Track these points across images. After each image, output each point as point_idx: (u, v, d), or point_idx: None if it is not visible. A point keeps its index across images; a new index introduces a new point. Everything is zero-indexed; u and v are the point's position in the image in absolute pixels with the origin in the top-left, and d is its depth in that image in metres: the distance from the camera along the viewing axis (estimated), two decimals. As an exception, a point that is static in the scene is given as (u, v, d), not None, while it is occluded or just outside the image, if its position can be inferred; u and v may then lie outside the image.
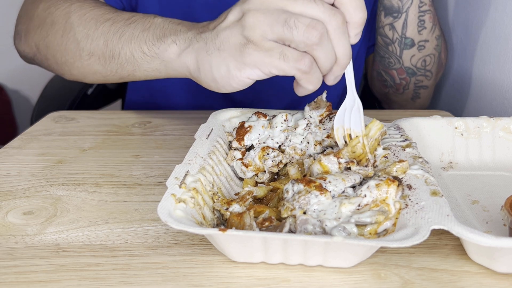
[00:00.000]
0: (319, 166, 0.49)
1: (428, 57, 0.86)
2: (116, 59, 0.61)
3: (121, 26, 0.61)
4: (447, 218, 0.40)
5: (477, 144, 0.61)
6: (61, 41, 0.66)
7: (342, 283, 0.40)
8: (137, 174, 0.60)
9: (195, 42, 0.52)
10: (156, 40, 0.56)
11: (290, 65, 0.46)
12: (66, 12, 0.66)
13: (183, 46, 0.53)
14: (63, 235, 0.47)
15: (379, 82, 0.94)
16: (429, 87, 0.91)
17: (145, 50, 0.57)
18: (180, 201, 0.43)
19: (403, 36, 0.83)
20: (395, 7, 0.82)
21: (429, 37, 0.84)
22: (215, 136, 0.57)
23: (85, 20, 0.64)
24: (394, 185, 0.44)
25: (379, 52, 0.89)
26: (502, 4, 0.83)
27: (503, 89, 0.83)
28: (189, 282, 0.40)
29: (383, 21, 0.84)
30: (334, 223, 0.42)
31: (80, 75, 0.68)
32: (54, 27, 0.67)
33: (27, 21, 0.72)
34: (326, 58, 0.45)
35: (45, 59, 0.71)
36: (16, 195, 0.55)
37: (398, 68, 0.87)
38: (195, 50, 0.51)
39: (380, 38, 0.87)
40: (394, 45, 0.85)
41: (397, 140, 0.54)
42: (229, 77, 0.49)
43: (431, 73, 0.88)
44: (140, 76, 0.61)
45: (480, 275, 0.41)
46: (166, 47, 0.55)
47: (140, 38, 0.58)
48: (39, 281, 0.41)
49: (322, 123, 0.56)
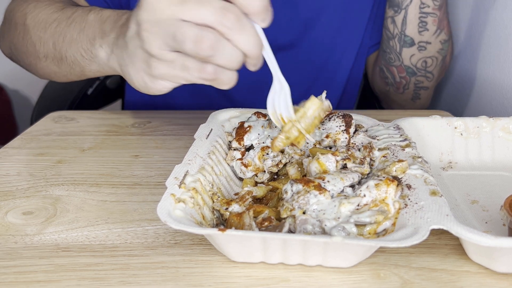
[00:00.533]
0: (317, 164, 0.50)
1: (430, 59, 0.86)
2: (65, 61, 0.63)
3: (64, 27, 0.62)
4: (447, 218, 0.40)
5: (477, 144, 0.61)
6: (23, 43, 0.68)
7: (342, 283, 0.40)
8: (137, 174, 0.60)
9: (116, 48, 0.52)
10: (89, 43, 0.57)
11: (194, 75, 0.44)
12: (23, 13, 0.68)
13: (108, 51, 0.54)
14: (63, 235, 0.47)
15: (381, 79, 0.94)
16: (430, 89, 0.91)
17: (83, 53, 0.58)
18: (180, 201, 0.43)
19: (403, 33, 0.84)
20: (395, 0, 0.83)
21: (431, 40, 0.84)
22: (214, 136, 0.57)
23: (38, 21, 0.65)
24: (393, 185, 0.44)
25: (382, 47, 0.90)
26: (502, 4, 0.83)
27: (503, 89, 0.83)
28: (188, 282, 0.41)
29: (387, 12, 0.86)
30: (333, 223, 0.42)
31: (45, 75, 0.70)
32: (16, 29, 0.69)
33: (3, 22, 0.74)
34: (229, 60, 0.43)
35: (18, 60, 0.73)
36: (16, 195, 0.55)
37: (398, 65, 0.88)
38: (117, 57, 0.52)
39: (384, 30, 0.88)
40: (394, 40, 0.86)
41: (397, 140, 0.54)
42: (147, 87, 0.49)
43: (432, 75, 0.88)
44: (91, 75, 0.62)
45: (479, 275, 0.41)
46: (96, 52, 0.55)
47: (78, 41, 0.59)
48: (39, 281, 0.41)
49: (322, 123, 0.56)
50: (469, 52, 0.95)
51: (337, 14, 0.90)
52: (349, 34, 0.92)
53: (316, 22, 0.89)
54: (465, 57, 0.96)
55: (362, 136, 0.54)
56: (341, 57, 0.93)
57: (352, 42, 0.93)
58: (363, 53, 0.96)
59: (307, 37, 0.90)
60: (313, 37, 0.90)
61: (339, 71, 0.94)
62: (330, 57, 0.93)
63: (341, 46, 0.92)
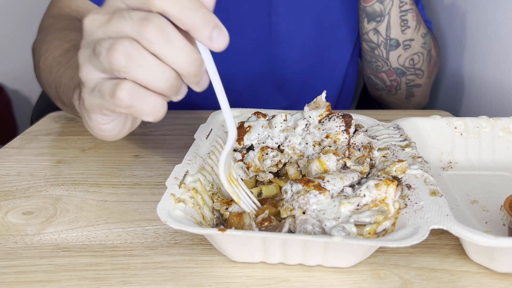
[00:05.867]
0: (318, 164, 0.50)
1: (416, 56, 0.86)
2: (65, 104, 0.66)
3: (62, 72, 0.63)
4: (447, 218, 0.40)
5: (477, 144, 0.61)
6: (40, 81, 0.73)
7: (342, 283, 0.40)
8: (137, 174, 0.60)
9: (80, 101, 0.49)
10: (72, 93, 0.57)
11: (109, 102, 0.38)
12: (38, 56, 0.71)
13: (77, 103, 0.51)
14: (63, 235, 0.47)
15: (370, 86, 0.94)
16: (423, 85, 0.91)
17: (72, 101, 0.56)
18: (180, 201, 0.43)
19: (388, 38, 0.84)
20: (377, 11, 0.82)
21: (414, 36, 0.84)
22: (214, 136, 0.57)
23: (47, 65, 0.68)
24: (393, 184, 0.44)
25: (366, 58, 0.89)
26: (502, 3, 0.83)
27: (503, 89, 0.83)
28: (188, 282, 0.41)
29: (367, 28, 0.85)
30: (333, 223, 0.42)
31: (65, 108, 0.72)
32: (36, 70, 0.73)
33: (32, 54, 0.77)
34: (150, 75, 0.36)
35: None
36: (16, 195, 0.55)
37: (387, 70, 0.88)
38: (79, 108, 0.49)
39: (365, 44, 0.87)
40: (380, 49, 0.85)
41: (397, 140, 0.54)
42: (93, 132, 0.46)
43: (422, 72, 0.88)
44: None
45: (479, 275, 0.41)
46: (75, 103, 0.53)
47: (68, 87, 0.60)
48: (39, 281, 0.41)
49: (321, 123, 0.56)
50: (468, 51, 0.95)
51: (332, 13, 0.90)
52: (343, 33, 0.92)
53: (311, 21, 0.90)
54: (465, 57, 0.96)
55: (362, 136, 0.54)
56: (337, 57, 0.93)
57: (348, 39, 0.93)
58: (357, 54, 0.97)
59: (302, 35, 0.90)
60: (312, 34, 0.90)
61: (335, 70, 0.95)
62: (326, 56, 0.93)
63: (338, 43, 0.93)
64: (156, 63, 0.36)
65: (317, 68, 0.94)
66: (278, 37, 0.89)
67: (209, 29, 0.36)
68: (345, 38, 0.93)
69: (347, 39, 0.93)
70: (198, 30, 0.36)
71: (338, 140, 0.54)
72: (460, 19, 0.97)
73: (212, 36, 0.37)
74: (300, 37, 0.90)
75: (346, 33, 0.92)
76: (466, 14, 0.95)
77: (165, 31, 0.36)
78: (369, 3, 0.82)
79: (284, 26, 0.89)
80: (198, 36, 0.37)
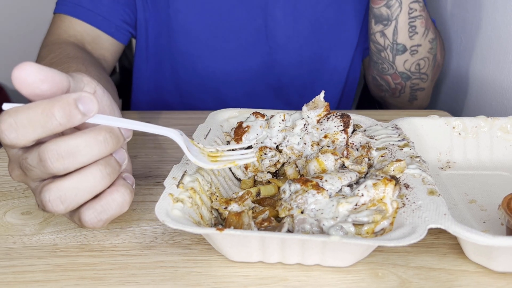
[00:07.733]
0: (316, 163, 0.50)
1: (422, 61, 0.86)
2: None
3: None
4: (444, 217, 0.40)
5: (475, 143, 0.61)
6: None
7: (340, 282, 0.40)
8: (136, 174, 0.60)
9: None
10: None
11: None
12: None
13: None
14: (61, 235, 0.47)
15: (375, 86, 0.94)
16: (426, 89, 0.91)
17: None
18: (178, 201, 0.43)
19: (395, 42, 0.83)
20: (384, 15, 0.82)
21: (421, 42, 0.84)
22: (213, 136, 0.57)
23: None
24: (391, 184, 0.45)
25: (373, 58, 0.89)
26: (502, 4, 0.83)
27: (503, 89, 0.83)
28: (187, 282, 0.41)
29: (374, 28, 0.84)
30: (331, 222, 0.42)
31: None
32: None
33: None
34: (91, 189, 0.39)
35: None
36: (14, 195, 0.55)
37: (392, 73, 0.87)
38: None
39: (372, 44, 0.87)
40: (386, 51, 0.85)
41: (395, 140, 0.54)
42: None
43: (427, 76, 0.88)
44: None
45: (477, 274, 0.41)
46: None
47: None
48: (37, 281, 0.41)
49: (320, 123, 0.56)
50: (468, 51, 0.95)
51: (334, 15, 0.90)
52: (345, 35, 0.92)
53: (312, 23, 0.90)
54: (465, 57, 0.96)
55: (360, 136, 0.54)
56: (337, 62, 0.93)
57: (348, 43, 0.93)
58: (359, 55, 0.96)
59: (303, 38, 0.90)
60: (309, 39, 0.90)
61: (335, 75, 0.95)
62: (325, 61, 0.93)
63: (338, 47, 0.93)
64: (85, 180, 0.38)
65: (315, 73, 0.94)
66: (275, 42, 0.89)
67: (74, 112, 0.37)
68: (344, 43, 0.93)
69: (346, 44, 0.93)
70: (70, 120, 0.37)
71: (336, 140, 0.54)
72: (460, 19, 0.97)
73: (81, 113, 0.37)
74: (297, 42, 0.90)
75: (346, 38, 0.92)
76: (466, 14, 0.95)
77: (62, 153, 0.37)
78: (377, 5, 0.81)
79: (281, 31, 0.89)
80: (80, 121, 0.37)
